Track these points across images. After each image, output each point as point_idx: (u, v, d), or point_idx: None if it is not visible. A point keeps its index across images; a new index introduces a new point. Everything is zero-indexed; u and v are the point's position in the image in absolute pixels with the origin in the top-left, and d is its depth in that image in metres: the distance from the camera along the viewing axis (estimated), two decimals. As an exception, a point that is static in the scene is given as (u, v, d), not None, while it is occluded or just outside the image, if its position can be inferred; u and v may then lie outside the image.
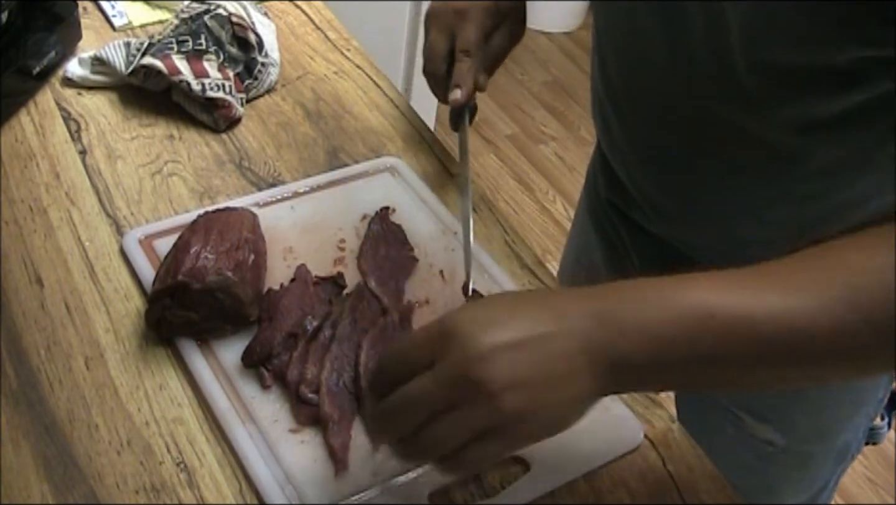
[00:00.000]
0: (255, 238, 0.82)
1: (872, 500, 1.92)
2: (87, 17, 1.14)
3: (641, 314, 0.58)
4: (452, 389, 0.56)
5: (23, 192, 0.91)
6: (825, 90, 0.70)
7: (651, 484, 0.73)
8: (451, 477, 0.67)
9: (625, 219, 0.99)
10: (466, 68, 0.88)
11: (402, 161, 0.98)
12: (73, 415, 0.73)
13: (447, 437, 0.57)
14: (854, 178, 0.78)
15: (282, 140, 1.01)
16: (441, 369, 0.57)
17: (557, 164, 2.64)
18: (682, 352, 0.57)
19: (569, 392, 0.58)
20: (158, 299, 0.76)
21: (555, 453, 0.72)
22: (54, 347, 0.77)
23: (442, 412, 0.57)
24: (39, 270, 0.83)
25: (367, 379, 0.71)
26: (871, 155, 0.75)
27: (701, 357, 0.58)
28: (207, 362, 0.76)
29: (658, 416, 0.78)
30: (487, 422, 0.56)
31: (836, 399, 0.95)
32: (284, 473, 0.69)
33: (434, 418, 0.57)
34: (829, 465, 1.02)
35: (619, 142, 0.91)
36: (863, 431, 1.00)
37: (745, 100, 0.73)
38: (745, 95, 0.73)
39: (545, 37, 3.18)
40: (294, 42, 1.16)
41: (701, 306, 0.57)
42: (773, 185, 0.80)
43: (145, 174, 0.94)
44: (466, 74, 0.88)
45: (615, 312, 0.58)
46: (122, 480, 0.69)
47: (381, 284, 0.82)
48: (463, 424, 0.57)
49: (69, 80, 1.04)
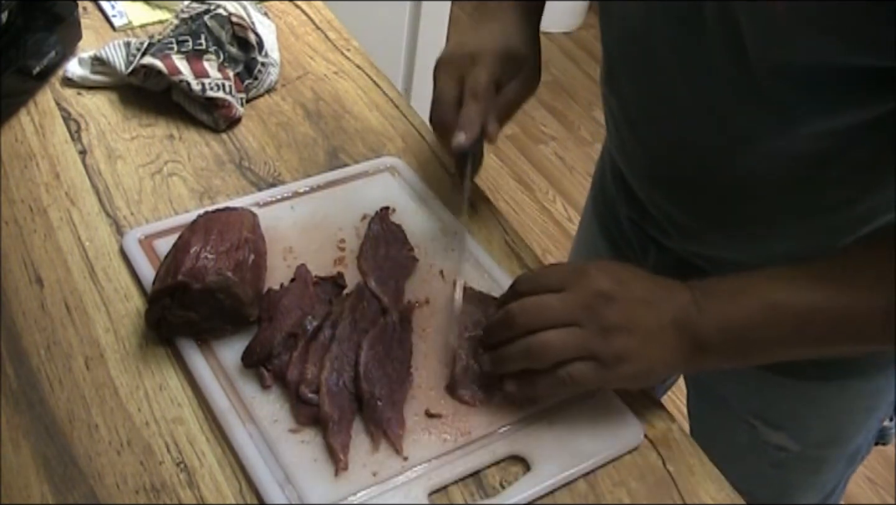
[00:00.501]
0: (255, 238, 0.82)
1: (872, 500, 1.92)
2: (87, 17, 1.14)
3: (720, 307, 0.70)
4: (577, 311, 0.69)
5: (23, 192, 0.91)
6: (846, 97, 0.69)
7: (651, 484, 0.73)
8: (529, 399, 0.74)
9: (639, 232, 0.97)
10: (473, 112, 0.83)
11: (402, 161, 0.98)
12: (73, 415, 0.73)
13: (556, 345, 0.68)
14: (874, 188, 0.77)
15: (282, 140, 1.01)
16: (572, 294, 0.69)
17: (557, 164, 2.64)
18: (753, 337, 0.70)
19: (661, 354, 0.70)
20: (158, 299, 0.76)
21: (555, 453, 0.72)
22: (54, 347, 0.77)
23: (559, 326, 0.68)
24: (39, 270, 0.83)
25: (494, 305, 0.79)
26: (890, 163, 0.74)
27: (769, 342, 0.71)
28: (207, 362, 0.76)
29: (658, 416, 0.78)
30: (595, 348, 0.68)
31: (851, 405, 0.95)
32: (284, 473, 0.69)
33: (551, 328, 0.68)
34: (841, 467, 1.02)
35: (636, 159, 0.90)
36: (873, 434, 1.00)
37: (766, 108, 0.72)
38: (765, 103, 0.71)
39: (545, 37, 3.15)
40: (294, 42, 1.16)
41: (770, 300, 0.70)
42: (795, 196, 0.79)
43: (145, 174, 0.94)
44: (473, 118, 0.83)
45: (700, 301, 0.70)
46: (122, 480, 0.69)
47: (381, 284, 0.82)
48: (574, 340, 0.68)
49: (69, 80, 1.04)
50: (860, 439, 0.99)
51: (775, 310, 0.70)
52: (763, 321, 0.70)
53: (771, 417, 0.97)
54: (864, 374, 0.92)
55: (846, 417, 0.96)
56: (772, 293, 0.71)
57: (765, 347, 0.72)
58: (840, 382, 0.92)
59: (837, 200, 0.78)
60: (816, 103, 0.69)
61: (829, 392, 0.93)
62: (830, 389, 0.93)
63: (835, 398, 0.94)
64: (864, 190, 0.77)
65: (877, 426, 0.99)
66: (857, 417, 0.96)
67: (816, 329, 0.70)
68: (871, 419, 0.97)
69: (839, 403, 0.95)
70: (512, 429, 0.74)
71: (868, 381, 0.93)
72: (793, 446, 0.97)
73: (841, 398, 0.94)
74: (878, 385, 0.94)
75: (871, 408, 0.96)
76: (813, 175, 0.76)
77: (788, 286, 0.70)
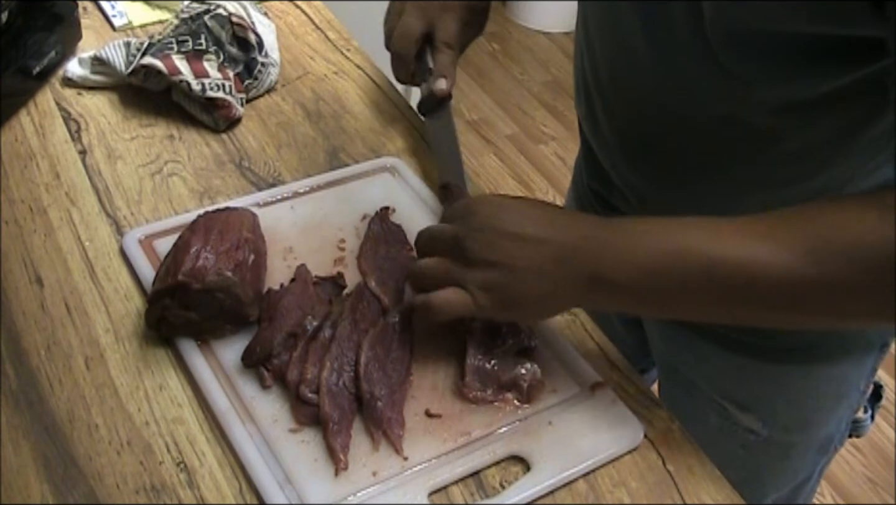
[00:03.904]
0: (255, 238, 0.82)
1: (872, 500, 1.92)
2: (87, 17, 1.14)
3: (629, 244, 0.69)
4: (448, 241, 0.73)
5: (23, 192, 0.91)
6: (802, 69, 0.69)
7: (651, 484, 0.73)
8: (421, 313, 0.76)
9: (605, 205, 1.00)
10: (449, 60, 0.92)
11: (402, 161, 0.98)
12: (73, 415, 0.73)
13: (426, 272, 0.74)
14: (832, 162, 0.77)
15: (282, 140, 1.01)
16: (452, 226, 0.74)
17: (557, 164, 2.64)
18: (659, 284, 0.68)
19: (540, 287, 0.71)
20: (158, 299, 0.76)
21: (555, 453, 0.72)
22: (54, 346, 0.77)
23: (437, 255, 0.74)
24: (39, 270, 0.83)
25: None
26: (849, 139, 0.75)
27: (675, 290, 0.68)
28: (207, 362, 0.76)
29: (658, 416, 0.78)
30: (458, 277, 0.72)
31: (818, 390, 0.95)
32: (284, 473, 0.69)
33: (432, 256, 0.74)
34: (812, 456, 1.02)
35: (602, 128, 0.92)
36: (845, 424, 1.00)
37: (723, 74, 0.73)
38: (721, 69, 0.72)
39: (545, 37, 3.18)
40: (294, 42, 1.16)
41: (685, 247, 0.68)
42: (753, 169, 0.80)
43: (145, 174, 0.94)
44: (450, 66, 0.92)
45: (606, 237, 0.70)
46: (122, 480, 0.69)
47: (381, 284, 0.82)
48: (440, 267, 0.73)
49: (69, 80, 1.04)
50: (831, 428, 0.99)
51: (685, 255, 0.67)
52: (670, 265, 0.67)
53: (741, 399, 0.97)
54: (829, 359, 0.92)
55: (813, 402, 0.96)
56: (685, 239, 0.68)
57: (674, 294, 0.69)
58: (805, 366, 0.92)
59: (794, 174, 0.79)
60: (770, 71, 0.70)
61: (795, 375, 0.93)
62: (797, 373, 0.93)
63: (801, 382, 0.94)
64: (820, 165, 0.78)
65: (848, 416, 0.99)
66: (824, 402, 0.96)
67: (730, 285, 0.66)
68: (841, 406, 0.97)
69: (806, 387, 0.95)
70: (512, 429, 0.74)
71: (834, 366, 0.93)
72: (761, 430, 0.97)
73: (807, 382, 0.94)
74: (845, 371, 0.94)
75: (839, 394, 0.96)
76: (770, 148, 0.77)
77: (705, 234, 0.68)
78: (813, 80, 0.70)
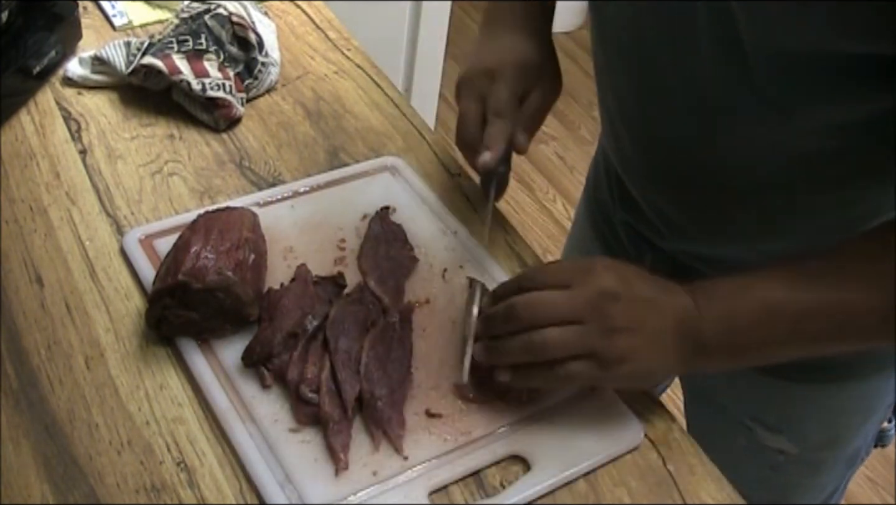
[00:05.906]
0: (255, 238, 0.82)
1: (872, 500, 1.92)
2: (87, 17, 1.14)
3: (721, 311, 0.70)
4: (581, 309, 0.68)
5: (23, 191, 0.91)
6: (842, 89, 0.68)
7: (651, 484, 0.73)
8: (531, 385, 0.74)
9: (634, 234, 0.97)
10: (497, 130, 0.83)
11: (402, 161, 0.98)
12: (73, 414, 0.73)
13: (558, 343, 0.68)
14: (872, 190, 0.77)
15: (282, 140, 1.01)
16: (577, 291, 0.69)
17: (557, 163, 2.64)
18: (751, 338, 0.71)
19: (662, 356, 0.70)
20: (159, 299, 0.76)
21: (555, 453, 0.72)
22: (54, 346, 0.77)
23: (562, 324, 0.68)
24: (39, 270, 0.83)
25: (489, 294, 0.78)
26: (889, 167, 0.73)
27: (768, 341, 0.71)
28: (208, 362, 0.76)
29: (658, 416, 0.78)
30: (596, 348, 0.68)
31: (849, 408, 0.95)
32: (284, 473, 0.69)
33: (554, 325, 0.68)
34: (840, 469, 1.01)
35: (632, 158, 0.89)
36: (872, 436, 1.00)
37: (761, 100, 0.71)
38: (760, 95, 0.71)
39: (545, 36, 3.17)
40: (294, 42, 1.16)
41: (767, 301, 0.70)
42: (792, 197, 0.79)
43: (145, 174, 0.94)
44: (497, 136, 0.83)
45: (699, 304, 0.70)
46: (123, 480, 0.69)
47: (381, 284, 0.82)
48: (576, 339, 0.68)
49: (69, 80, 1.04)
50: (859, 441, 0.99)
51: (772, 311, 0.70)
52: (760, 322, 0.71)
53: (769, 420, 0.97)
54: (861, 375, 0.92)
55: (844, 419, 0.96)
56: (769, 294, 0.71)
57: (762, 347, 0.73)
58: (837, 385, 0.92)
59: (835, 201, 0.78)
60: (812, 95, 0.69)
61: (826, 394, 0.93)
62: (828, 392, 0.93)
63: (832, 400, 0.94)
64: (861, 191, 0.77)
65: (876, 428, 0.99)
66: (855, 419, 0.96)
67: (813, 328, 0.71)
68: (870, 421, 0.97)
69: (837, 406, 0.95)
70: (512, 429, 0.74)
71: (865, 382, 0.93)
72: (791, 449, 0.97)
73: (838, 400, 0.94)
74: (876, 387, 0.94)
75: (869, 410, 0.96)
76: (810, 175, 0.76)
77: (785, 286, 0.71)
78: (852, 103, 0.69)
